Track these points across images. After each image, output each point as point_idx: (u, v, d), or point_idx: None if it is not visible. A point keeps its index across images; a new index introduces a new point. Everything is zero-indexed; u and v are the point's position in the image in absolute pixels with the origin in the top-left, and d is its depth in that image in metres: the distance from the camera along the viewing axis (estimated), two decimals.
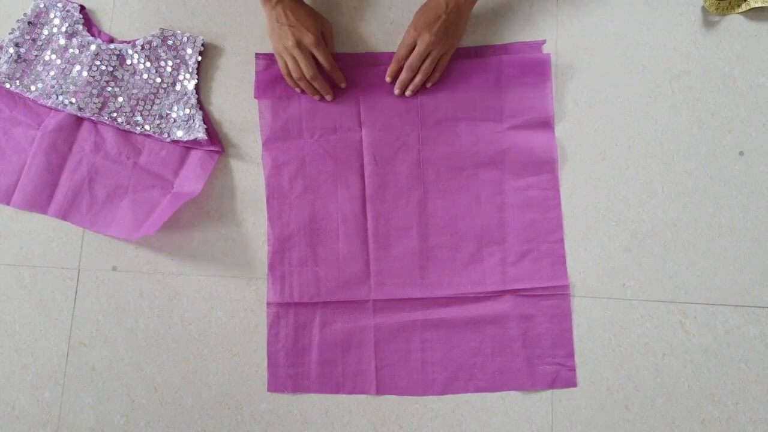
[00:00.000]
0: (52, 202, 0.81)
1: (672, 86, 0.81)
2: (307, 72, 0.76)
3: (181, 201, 0.78)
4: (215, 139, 0.81)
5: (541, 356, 0.76)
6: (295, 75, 0.77)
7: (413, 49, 0.76)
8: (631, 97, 0.81)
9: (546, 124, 0.79)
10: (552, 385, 0.76)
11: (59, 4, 0.83)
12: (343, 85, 0.80)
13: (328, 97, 0.80)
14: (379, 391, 0.77)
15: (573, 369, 0.76)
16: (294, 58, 0.76)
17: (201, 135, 0.79)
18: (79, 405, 0.79)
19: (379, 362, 0.77)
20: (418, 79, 0.78)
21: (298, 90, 0.80)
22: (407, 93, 0.79)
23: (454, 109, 0.80)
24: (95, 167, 0.82)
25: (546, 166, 0.79)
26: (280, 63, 0.78)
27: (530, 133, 0.79)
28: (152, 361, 0.79)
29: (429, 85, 0.79)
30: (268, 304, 0.79)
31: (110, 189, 0.81)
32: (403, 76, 0.78)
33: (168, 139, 0.81)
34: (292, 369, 0.78)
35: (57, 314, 0.81)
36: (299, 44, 0.74)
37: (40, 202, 0.81)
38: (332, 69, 0.78)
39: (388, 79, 0.79)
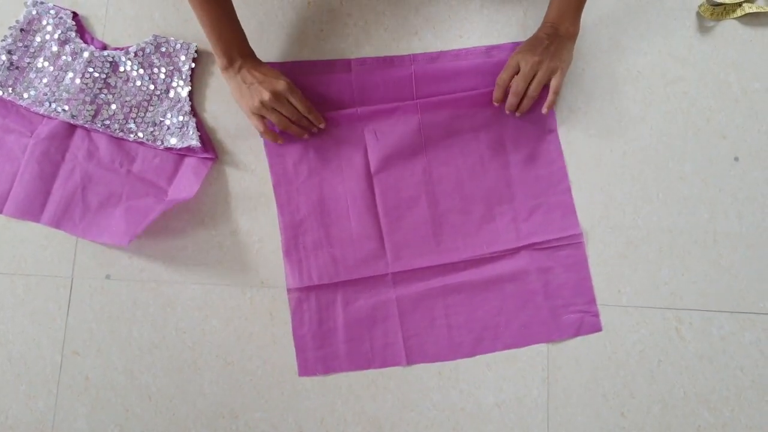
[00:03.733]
0: (45, 210, 0.81)
1: (667, 92, 0.80)
2: (293, 116, 0.75)
3: (172, 204, 0.78)
4: (209, 146, 0.81)
5: (564, 306, 0.77)
6: (281, 126, 0.76)
7: (516, 72, 0.75)
8: (626, 103, 0.80)
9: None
10: (578, 332, 0.77)
11: (52, 11, 0.83)
12: (322, 126, 0.79)
13: (314, 130, 0.79)
14: (410, 361, 0.78)
15: (596, 315, 0.77)
16: (274, 111, 0.75)
17: (194, 142, 0.78)
18: (73, 414, 0.79)
19: (406, 333, 0.78)
20: (525, 104, 0.76)
21: (277, 142, 0.79)
22: (516, 114, 0.78)
23: (452, 84, 0.80)
24: (88, 175, 0.81)
25: (545, 119, 0.79)
26: (256, 122, 0.76)
27: None
28: (146, 370, 0.79)
29: (545, 110, 0.76)
30: (289, 290, 0.79)
31: (103, 197, 0.81)
32: (510, 99, 0.76)
33: (161, 147, 0.81)
34: (321, 351, 0.78)
35: (50, 323, 0.80)
36: (275, 94, 0.73)
37: (32, 210, 0.81)
38: (310, 111, 0.77)
39: (495, 104, 0.78)
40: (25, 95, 0.81)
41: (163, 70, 0.82)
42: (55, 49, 0.82)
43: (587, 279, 0.77)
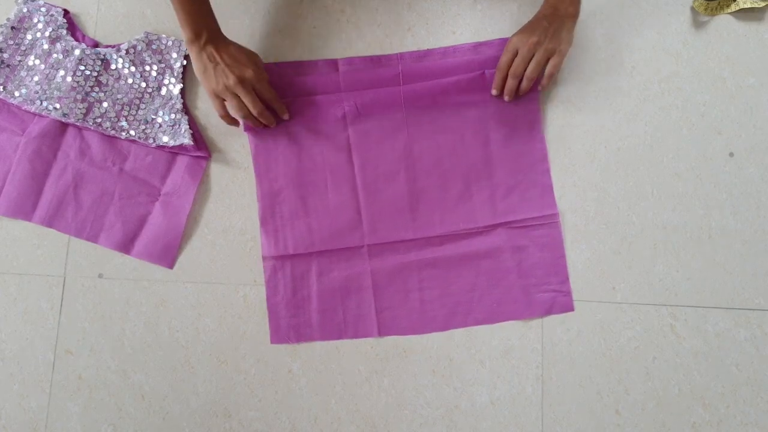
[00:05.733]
0: (37, 209, 0.81)
1: (661, 87, 0.80)
2: (254, 109, 0.74)
3: (185, 216, 0.79)
4: (201, 144, 0.81)
5: (537, 285, 0.77)
6: (240, 114, 0.74)
7: (515, 56, 0.74)
8: (620, 98, 0.80)
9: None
10: (550, 311, 0.77)
11: (43, 9, 0.83)
12: (285, 117, 0.79)
13: (272, 125, 0.78)
14: (381, 333, 0.78)
15: (569, 294, 0.77)
16: (236, 96, 0.73)
17: (187, 140, 0.78)
18: (66, 414, 0.78)
19: (379, 305, 0.78)
20: (524, 85, 0.75)
21: (235, 126, 0.78)
22: (519, 95, 0.77)
23: (436, 71, 0.80)
24: (80, 173, 0.81)
25: (527, 98, 0.79)
26: (216, 104, 0.74)
27: None
28: (139, 369, 0.79)
29: (541, 88, 0.76)
30: (264, 258, 0.79)
31: (96, 195, 0.81)
32: (509, 83, 0.75)
33: (154, 145, 0.80)
34: (294, 319, 0.78)
35: (43, 322, 0.80)
36: (242, 81, 0.72)
37: (24, 209, 0.81)
38: (275, 101, 0.76)
39: (494, 91, 0.77)
40: (17, 93, 0.81)
41: (155, 67, 0.81)
42: (46, 46, 0.81)
43: (562, 258, 0.77)
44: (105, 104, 0.80)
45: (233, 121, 0.77)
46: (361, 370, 0.78)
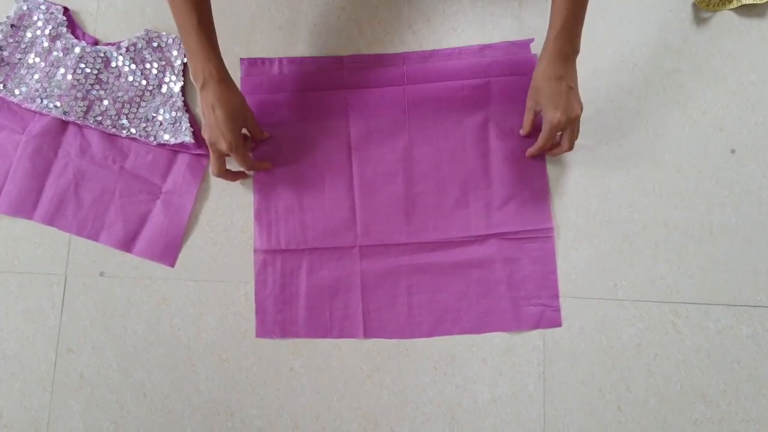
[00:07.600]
0: (37, 208, 0.81)
1: (663, 84, 0.80)
2: (213, 170, 0.73)
3: (187, 214, 0.80)
4: (202, 142, 0.80)
5: (527, 298, 0.77)
6: (212, 168, 0.74)
7: (555, 133, 0.72)
8: (622, 95, 0.80)
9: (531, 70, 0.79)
10: (537, 325, 0.77)
11: (42, 7, 0.82)
12: (244, 176, 0.79)
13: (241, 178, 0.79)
14: (367, 334, 0.78)
15: (558, 310, 0.77)
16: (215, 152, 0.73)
17: (188, 138, 0.78)
18: (68, 412, 0.78)
19: (367, 307, 0.78)
20: (566, 147, 0.74)
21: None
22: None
23: (444, 83, 0.81)
24: (81, 172, 0.81)
25: None
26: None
27: (514, 79, 0.79)
28: (141, 367, 0.79)
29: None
30: (255, 251, 0.79)
31: (96, 194, 0.80)
32: (553, 151, 0.76)
33: (154, 143, 0.80)
34: (280, 315, 0.78)
35: (44, 321, 0.80)
36: (212, 146, 0.71)
37: (25, 208, 0.80)
38: (250, 169, 0.77)
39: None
40: (17, 92, 0.81)
41: (155, 65, 0.81)
42: (46, 44, 0.81)
43: (553, 273, 0.77)
44: (105, 102, 0.80)
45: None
46: (363, 367, 0.78)
